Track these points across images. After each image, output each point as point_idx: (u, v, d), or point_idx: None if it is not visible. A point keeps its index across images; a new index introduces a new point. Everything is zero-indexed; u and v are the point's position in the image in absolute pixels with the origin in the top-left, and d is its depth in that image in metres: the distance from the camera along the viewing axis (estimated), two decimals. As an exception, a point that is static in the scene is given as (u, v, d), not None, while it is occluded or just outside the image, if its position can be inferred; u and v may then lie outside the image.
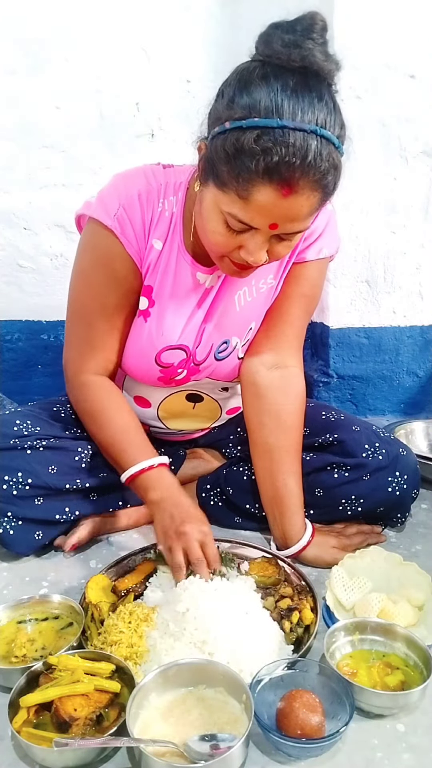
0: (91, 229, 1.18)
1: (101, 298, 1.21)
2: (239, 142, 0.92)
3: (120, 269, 1.18)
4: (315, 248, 1.26)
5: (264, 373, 1.29)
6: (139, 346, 1.26)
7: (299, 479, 1.27)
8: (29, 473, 1.25)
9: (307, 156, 0.91)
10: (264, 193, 0.94)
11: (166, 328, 1.24)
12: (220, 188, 0.98)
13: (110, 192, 1.16)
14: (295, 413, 1.29)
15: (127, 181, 1.16)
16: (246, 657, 0.97)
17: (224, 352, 1.30)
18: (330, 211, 1.25)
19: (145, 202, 1.15)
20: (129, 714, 0.85)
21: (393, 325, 2.00)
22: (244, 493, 1.39)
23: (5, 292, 2.05)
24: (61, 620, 1.09)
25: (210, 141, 0.99)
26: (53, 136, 1.89)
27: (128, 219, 1.14)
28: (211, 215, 1.03)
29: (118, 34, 1.79)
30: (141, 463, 1.19)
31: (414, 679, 0.95)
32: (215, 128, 0.97)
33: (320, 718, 0.86)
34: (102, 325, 1.23)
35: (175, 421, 1.45)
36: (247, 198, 0.95)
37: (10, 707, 0.89)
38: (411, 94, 1.75)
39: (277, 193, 0.94)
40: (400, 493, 1.32)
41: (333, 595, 1.14)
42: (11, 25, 1.79)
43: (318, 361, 2.10)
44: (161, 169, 1.19)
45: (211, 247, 1.08)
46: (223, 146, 0.95)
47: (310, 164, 0.92)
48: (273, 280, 1.28)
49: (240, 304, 1.27)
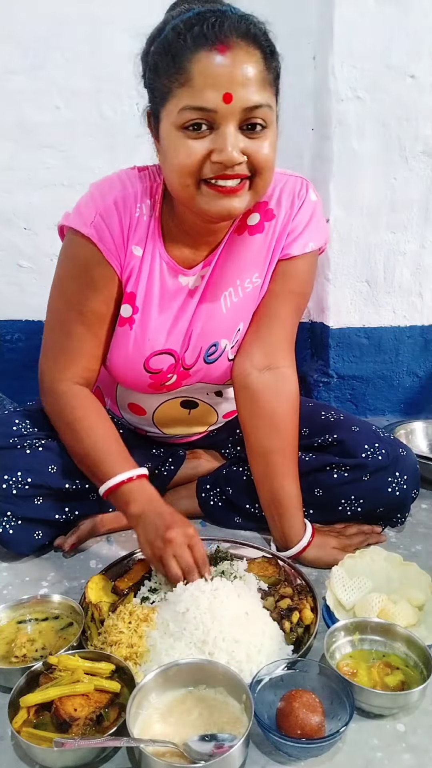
0: (69, 239, 1.17)
1: (79, 306, 1.19)
2: (164, 42, 1.00)
3: (98, 277, 1.16)
4: (300, 242, 1.23)
5: (255, 376, 1.27)
6: (126, 354, 1.23)
7: (296, 480, 1.27)
8: (29, 473, 1.25)
9: (227, 16, 0.97)
10: (201, 61, 0.96)
11: (151, 333, 1.22)
12: (167, 102, 1.01)
13: (87, 201, 1.15)
14: (289, 414, 1.27)
15: (103, 189, 1.15)
16: (246, 657, 0.97)
17: (213, 355, 1.28)
18: (314, 202, 1.23)
19: (122, 208, 1.13)
20: (129, 714, 0.85)
21: (393, 325, 2.00)
22: (244, 493, 1.39)
23: (5, 292, 2.06)
24: (61, 620, 1.09)
25: (147, 89, 1.07)
26: (53, 136, 1.89)
27: (106, 226, 1.13)
28: (172, 143, 1.02)
29: (118, 33, 1.79)
30: (119, 475, 1.15)
31: (414, 679, 0.95)
32: (145, 76, 1.07)
33: (320, 718, 0.86)
34: (79, 334, 1.20)
35: (171, 428, 1.44)
36: (190, 77, 0.97)
37: (10, 707, 0.89)
38: (411, 94, 1.75)
39: (212, 53, 0.96)
40: (400, 493, 1.32)
41: (333, 595, 1.14)
42: (11, 25, 1.79)
43: (318, 361, 2.10)
44: (136, 173, 1.17)
45: (184, 180, 1.02)
46: (154, 62, 1.02)
47: (233, 20, 0.97)
48: (258, 278, 1.25)
49: (226, 305, 1.25)
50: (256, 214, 1.21)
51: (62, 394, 1.23)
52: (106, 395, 1.44)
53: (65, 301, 1.20)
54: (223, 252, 1.22)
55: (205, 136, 1.00)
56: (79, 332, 1.20)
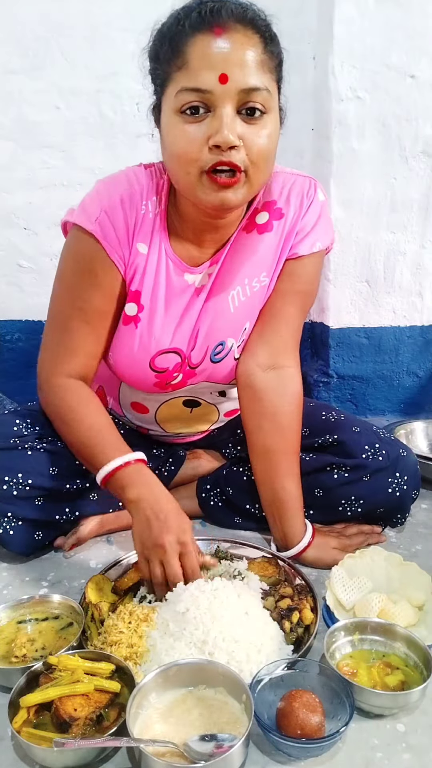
0: (72, 235, 1.16)
1: (80, 303, 1.18)
2: (163, 30, 1.01)
3: (101, 274, 1.16)
4: (308, 242, 1.22)
5: (259, 375, 1.26)
6: (131, 352, 1.23)
7: (298, 481, 1.27)
8: (29, 474, 1.25)
9: (225, 2, 0.98)
10: (199, 44, 0.96)
11: (157, 331, 1.21)
12: (167, 88, 1.01)
13: (92, 198, 1.15)
14: (292, 415, 1.27)
15: (109, 187, 1.15)
16: (246, 657, 0.97)
17: (220, 354, 1.28)
18: (322, 202, 1.22)
19: (128, 206, 1.13)
20: (129, 714, 0.85)
21: (393, 325, 2.00)
22: (244, 493, 1.39)
23: (5, 292, 2.06)
24: (61, 620, 1.09)
25: (151, 81, 1.06)
26: (53, 136, 1.89)
27: (110, 223, 1.12)
28: (171, 130, 1.01)
29: (118, 33, 1.79)
30: (115, 460, 1.13)
31: (414, 679, 0.95)
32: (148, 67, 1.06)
33: (320, 718, 0.86)
34: (79, 329, 1.19)
35: (173, 425, 1.44)
36: (186, 60, 0.97)
37: (10, 707, 0.89)
38: (411, 94, 1.75)
39: (209, 35, 0.96)
40: (400, 494, 1.32)
41: (333, 595, 1.14)
42: (11, 25, 1.79)
43: (318, 361, 2.10)
44: (143, 170, 1.17)
45: (184, 168, 1.02)
46: (155, 51, 1.03)
47: (232, 6, 0.97)
48: (266, 278, 1.25)
49: (234, 304, 1.24)
50: (265, 213, 1.20)
51: (57, 387, 1.22)
52: (108, 394, 1.44)
53: (67, 296, 1.20)
54: (231, 250, 1.21)
55: (203, 120, 0.98)
56: (79, 328, 1.20)
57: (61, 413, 1.22)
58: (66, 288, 1.20)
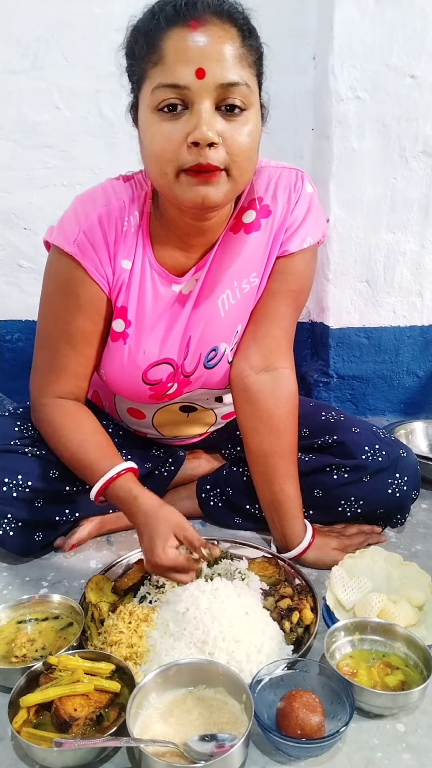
0: (53, 255, 1.14)
1: (64, 325, 1.16)
2: (138, 25, 0.99)
3: (82, 295, 1.14)
4: (298, 237, 1.18)
5: (253, 378, 1.24)
6: (122, 368, 1.21)
7: (296, 483, 1.26)
8: (29, 476, 1.24)
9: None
10: (174, 38, 0.93)
11: (145, 345, 1.19)
12: (143, 85, 0.98)
13: (70, 216, 1.12)
14: (288, 416, 1.25)
15: (87, 205, 1.12)
16: (246, 657, 0.97)
17: (213, 360, 1.25)
18: (310, 194, 1.18)
19: (107, 224, 1.10)
20: (129, 714, 0.85)
21: (393, 325, 2.00)
22: (244, 493, 1.39)
23: (5, 292, 2.06)
24: (61, 620, 1.09)
25: (128, 79, 1.04)
26: (53, 136, 1.89)
27: (90, 244, 1.10)
28: (149, 129, 0.98)
29: (118, 33, 1.79)
30: (99, 481, 1.12)
31: (414, 679, 0.95)
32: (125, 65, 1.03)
33: (320, 718, 0.86)
34: (66, 351, 1.18)
35: (170, 429, 1.43)
36: (162, 55, 0.94)
37: (10, 707, 0.89)
38: (411, 94, 1.75)
39: (185, 29, 0.93)
40: (401, 494, 1.32)
41: (333, 595, 1.14)
42: (11, 25, 1.79)
43: (318, 361, 2.10)
44: (122, 184, 1.14)
45: (162, 168, 0.98)
46: (130, 48, 1.00)
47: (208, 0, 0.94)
48: (256, 278, 1.21)
49: (224, 308, 1.22)
50: (252, 212, 1.17)
51: (45, 407, 1.22)
52: (104, 399, 1.44)
53: (51, 318, 1.18)
54: (218, 253, 1.18)
55: (181, 118, 0.95)
56: (65, 350, 1.18)
57: (49, 433, 1.22)
58: (50, 309, 1.19)
